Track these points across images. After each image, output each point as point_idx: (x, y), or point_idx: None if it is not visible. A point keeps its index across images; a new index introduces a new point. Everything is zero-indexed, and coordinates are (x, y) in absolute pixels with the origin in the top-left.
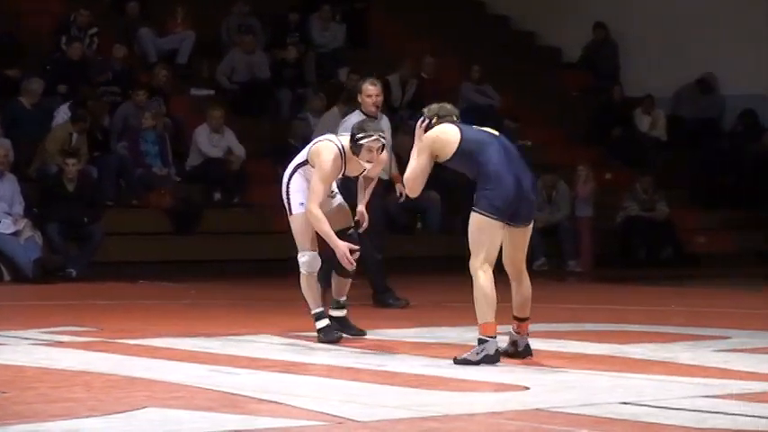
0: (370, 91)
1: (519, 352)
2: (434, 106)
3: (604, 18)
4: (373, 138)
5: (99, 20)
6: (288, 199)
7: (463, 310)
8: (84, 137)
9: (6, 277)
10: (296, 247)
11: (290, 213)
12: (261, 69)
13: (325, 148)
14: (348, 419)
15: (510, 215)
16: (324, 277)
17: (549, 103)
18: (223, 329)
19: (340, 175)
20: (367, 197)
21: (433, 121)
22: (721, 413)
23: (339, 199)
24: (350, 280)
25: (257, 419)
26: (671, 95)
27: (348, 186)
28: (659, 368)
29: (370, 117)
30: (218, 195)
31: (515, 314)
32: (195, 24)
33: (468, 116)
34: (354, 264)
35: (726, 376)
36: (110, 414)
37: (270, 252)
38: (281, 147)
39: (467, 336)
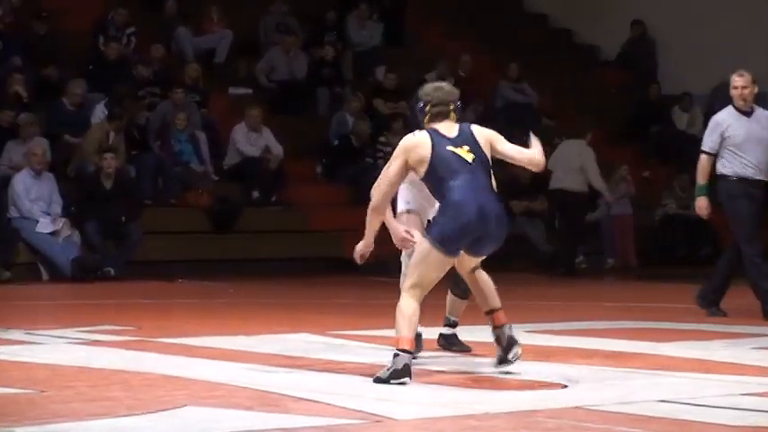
0: (736, 82)
1: (505, 348)
2: (430, 89)
3: (642, 15)
4: None
5: (136, 19)
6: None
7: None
8: (121, 136)
9: (45, 276)
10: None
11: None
12: (299, 68)
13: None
14: (386, 418)
15: (467, 246)
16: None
17: (586, 100)
18: (261, 328)
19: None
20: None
21: (427, 108)
22: (759, 411)
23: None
24: (465, 301)
25: (295, 418)
26: (708, 93)
27: None
28: (697, 366)
29: (741, 112)
30: (256, 194)
31: (486, 308)
32: (232, 23)
33: (505, 114)
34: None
35: (764, 374)
36: (148, 413)
37: (308, 251)
38: (319, 145)
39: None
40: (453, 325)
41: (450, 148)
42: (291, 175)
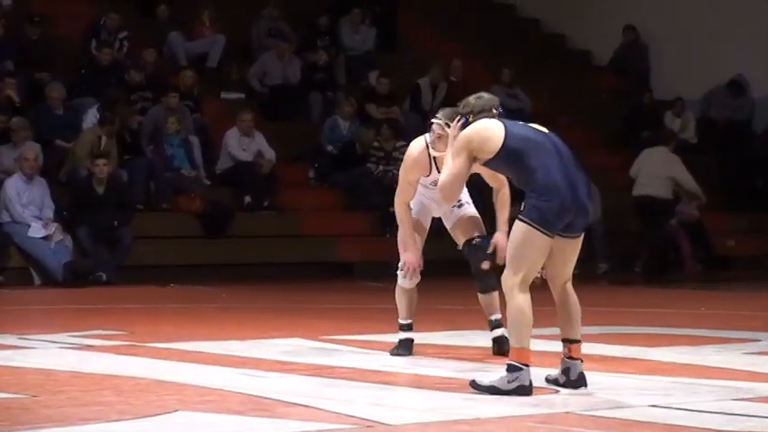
0: None
1: (571, 381)
2: (471, 99)
3: (635, 21)
4: (437, 121)
5: (128, 24)
6: None
7: None
8: (113, 140)
9: (37, 281)
10: (328, 252)
11: None
12: (292, 73)
13: (413, 143)
14: (377, 423)
15: (564, 227)
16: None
17: (579, 105)
18: (253, 333)
19: (427, 174)
20: (503, 221)
21: (470, 118)
22: (750, 416)
23: (467, 209)
24: (494, 293)
25: (287, 423)
26: (701, 98)
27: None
28: (688, 371)
29: None
30: (248, 199)
31: (565, 336)
32: (224, 28)
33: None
34: (416, 277)
35: (755, 379)
36: (140, 417)
37: (300, 256)
38: (312, 150)
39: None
40: (497, 325)
41: (521, 123)
42: (284, 179)
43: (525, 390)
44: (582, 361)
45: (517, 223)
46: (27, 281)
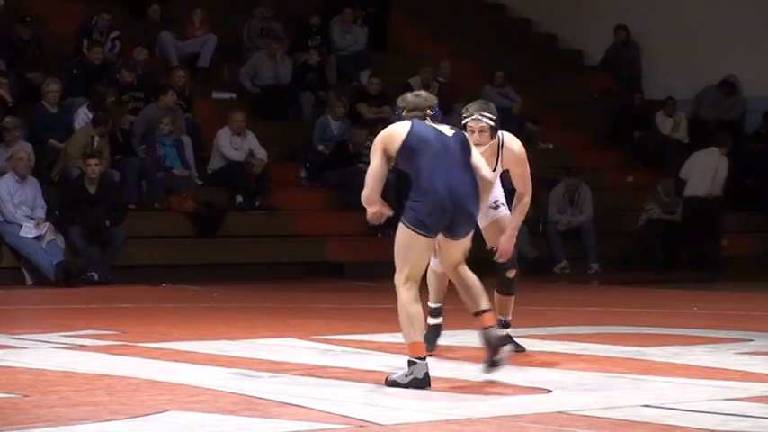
0: None
1: (495, 345)
2: (409, 96)
3: (626, 21)
4: (473, 117)
5: (120, 24)
6: None
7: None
8: (105, 140)
9: (29, 281)
10: (320, 252)
11: None
12: (283, 73)
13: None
14: (370, 423)
15: (444, 229)
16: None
17: (571, 105)
18: (245, 333)
19: None
20: (513, 226)
21: (403, 114)
22: (743, 416)
23: (502, 211)
24: (512, 297)
25: (279, 423)
26: (693, 97)
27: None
28: (681, 371)
29: None
30: (240, 199)
31: (474, 310)
32: (215, 28)
33: None
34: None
35: (747, 379)
36: (132, 417)
37: (292, 255)
38: (303, 150)
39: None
40: (506, 326)
41: (433, 125)
42: (275, 179)
43: (419, 382)
44: (498, 325)
45: (399, 225)
46: (19, 281)
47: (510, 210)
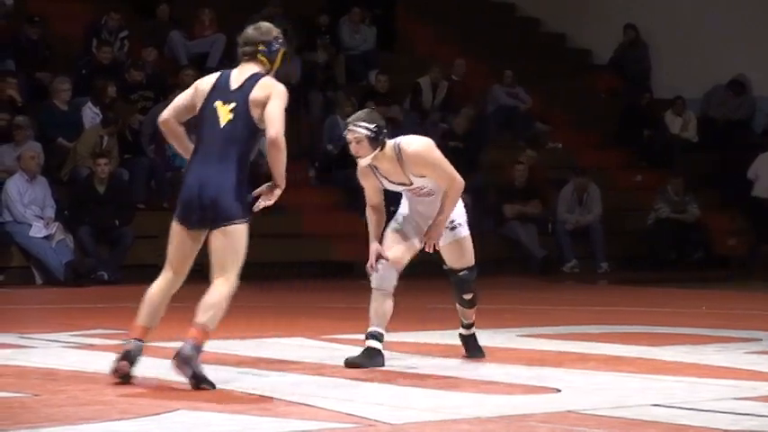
0: None
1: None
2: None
3: (635, 20)
4: (348, 128)
5: (129, 23)
6: None
7: (495, 312)
8: (114, 139)
9: (38, 281)
10: (328, 251)
11: None
12: (292, 72)
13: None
14: (378, 422)
15: (195, 220)
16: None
17: (579, 105)
18: (254, 332)
19: (379, 184)
20: (444, 212)
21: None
22: (753, 415)
23: (460, 232)
24: (471, 310)
25: (287, 422)
26: (702, 97)
27: None
28: (690, 370)
29: None
30: (249, 198)
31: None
32: (224, 27)
33: (497, 118)
34: (376, 269)
35: (757, 378)
36: (141, 417)
37: (300, 255)
38: (312, 149)
39: (497, 338)
40: (468, 326)
41: (216, 103)
42: (285, 178)
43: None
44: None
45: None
46: (29, 280)
47: (467, 231)
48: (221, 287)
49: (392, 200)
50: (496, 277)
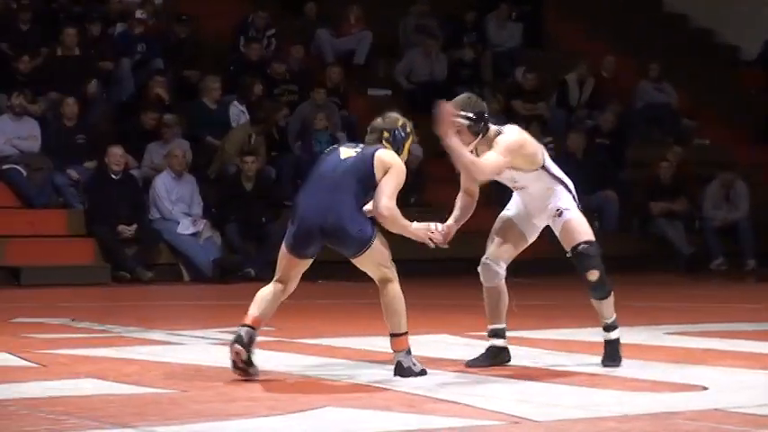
0: None
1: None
2: (377, 119)
3: None
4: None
5: (276, 22)
6: None
7: (642, 310)
8: (261, 137)
9: (186, 278)
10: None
11: None
12: (439, 69)
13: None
14: (524, 419)
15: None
16: None
17: (727, 101)
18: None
19: None
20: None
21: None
22: None
23: (566, 215)
24: (603, 301)
25: (433, 419)
26: None
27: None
28: None
29: None
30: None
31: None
32: (371, 25)
33: (644, 114)
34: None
35: None
36: (289, 413)
37: (448, 252)
38: None
39: (643, 335)
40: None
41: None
42: (431, 175)
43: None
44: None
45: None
46: (176, 277)
47: (577, 213)
48: (385, 296)
49: None
50: (642, 275)
